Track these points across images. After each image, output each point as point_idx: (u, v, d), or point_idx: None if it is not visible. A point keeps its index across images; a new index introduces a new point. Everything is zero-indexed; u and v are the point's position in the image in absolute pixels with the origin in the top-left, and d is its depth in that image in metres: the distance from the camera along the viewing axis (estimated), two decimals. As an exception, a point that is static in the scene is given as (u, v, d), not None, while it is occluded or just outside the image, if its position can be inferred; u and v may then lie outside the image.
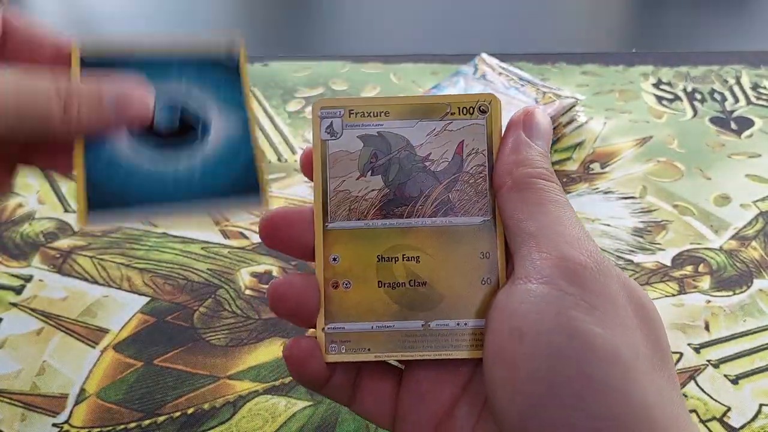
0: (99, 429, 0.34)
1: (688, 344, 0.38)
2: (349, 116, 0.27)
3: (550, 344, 0.22)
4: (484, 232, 0.27)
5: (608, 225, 0.46)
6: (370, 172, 0.27)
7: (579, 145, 0.53)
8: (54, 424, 0.35)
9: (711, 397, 0.35)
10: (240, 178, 0.28)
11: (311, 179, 0.28)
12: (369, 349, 0.27)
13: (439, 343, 0.27)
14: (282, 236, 0.27)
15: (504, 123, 0.27)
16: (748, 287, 0.41)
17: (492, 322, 0.25)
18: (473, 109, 0.27)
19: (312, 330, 0.27)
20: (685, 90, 0.59)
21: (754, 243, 0.44)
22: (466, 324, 0.27)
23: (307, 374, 0.27)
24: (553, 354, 0.22)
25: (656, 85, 0.60)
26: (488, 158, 0.27)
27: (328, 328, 0.27)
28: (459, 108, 0.27)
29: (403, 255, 0.27)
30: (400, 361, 0.30)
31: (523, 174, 0.26)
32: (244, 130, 0.28)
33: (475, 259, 0.27)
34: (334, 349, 0.27)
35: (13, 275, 0.42)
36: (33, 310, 0.40)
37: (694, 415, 0.35)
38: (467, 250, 0.27)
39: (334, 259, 0.27)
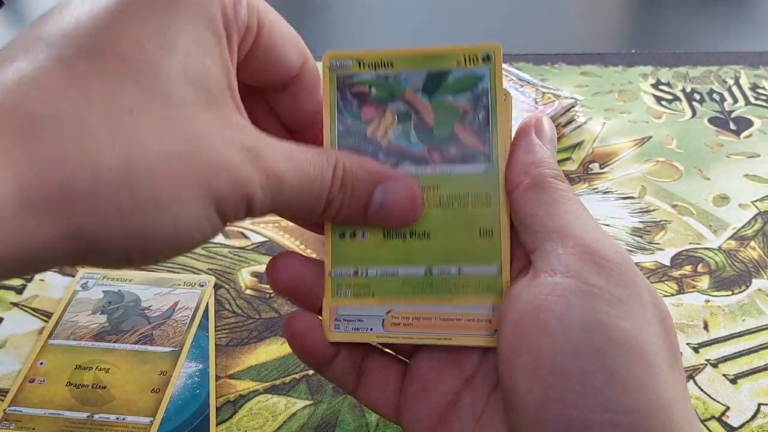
0: (100, 428, 0.35)
1: (687, 344, 0.38)
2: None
3: (576, 338, 0.22)
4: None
5: (607, 225, 0.46)
6: None
7: (578, 145, 0.53)
8: (55, 424, 0.35)
9: (710, 397, 0.36)
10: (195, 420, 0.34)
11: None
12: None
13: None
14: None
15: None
16: (747, 287, 0.42)
17: (512, 313, 0.25)
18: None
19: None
20: (684, 90, 0.60)
21: (752, 243, 0.45)
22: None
23: (307, 349, 0.27)
24: (578, 348, 0.22)
25: (655, 86, 0.60)
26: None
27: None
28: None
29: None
30: (403, 347, 0.30)
31: (542, 174, 0.26)
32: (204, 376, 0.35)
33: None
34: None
35: (14, 275, 0.42)
36: (34, 309, 0.40)
37: (692, 414, 0.35)
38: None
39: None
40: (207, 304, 0.40)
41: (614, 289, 0.23)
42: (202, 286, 0.41)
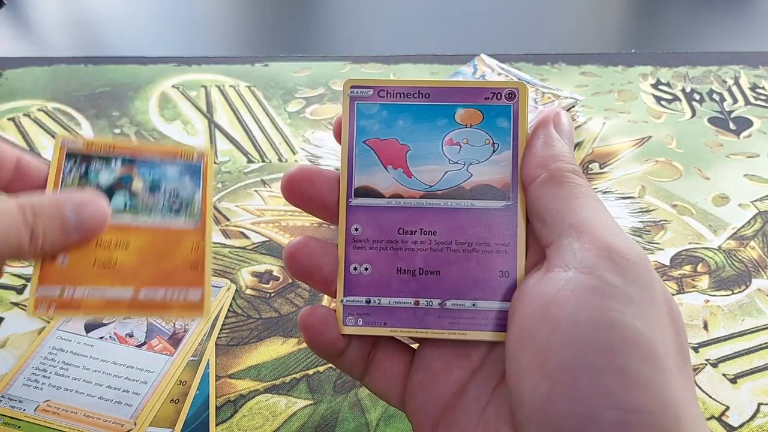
0: (100, 428, 0.35)
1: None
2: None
3: (587, 335, 0.22)
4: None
5: (607, 225, 0.46)
6: None
7: (578, 145, 0.53)
8: (55, 423, 0.35)
9: (710, 396, 0.36)
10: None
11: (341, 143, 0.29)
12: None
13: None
14: (304, 193, 0.28)
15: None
16: (747, 287, 0.42)
17: (522, 307, 0.25)
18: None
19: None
20: (683, 90, 0.60)
21: (752, 243, 0.45)
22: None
23: (321, 343, 0.28)
24: (589, 345, 0.22)
25: (655, 86, 0.60)
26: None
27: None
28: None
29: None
30: (415, 339, 0.30)
31: (560, 168, 0.26)
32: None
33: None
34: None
35: (14, 275, 0.42)
36: (34, 309, 0.40)
37: (692, 414, 0.35)
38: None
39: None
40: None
41: (629, 288, 0.23)
42: (218, 287, 0.41)
